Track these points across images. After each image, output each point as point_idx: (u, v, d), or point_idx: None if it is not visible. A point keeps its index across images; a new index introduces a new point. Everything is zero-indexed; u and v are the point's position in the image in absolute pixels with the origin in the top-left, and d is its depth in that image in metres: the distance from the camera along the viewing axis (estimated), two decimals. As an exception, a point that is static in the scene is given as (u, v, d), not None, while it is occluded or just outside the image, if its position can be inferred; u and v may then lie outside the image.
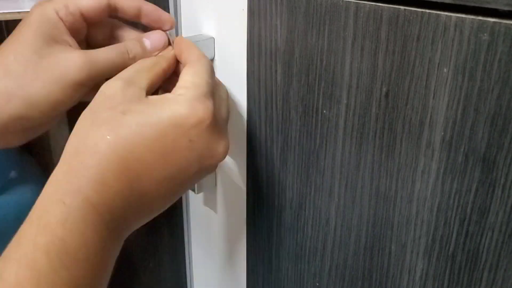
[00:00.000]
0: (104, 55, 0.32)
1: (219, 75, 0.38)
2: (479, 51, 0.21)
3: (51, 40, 0.31)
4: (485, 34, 0.20)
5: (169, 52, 0.33)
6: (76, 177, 0.25)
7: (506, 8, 0.20)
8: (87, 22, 0.33)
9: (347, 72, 0.27)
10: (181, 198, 0.50)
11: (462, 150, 0.23)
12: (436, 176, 0.24)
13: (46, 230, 0.24)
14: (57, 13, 0.31)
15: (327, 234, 0.32)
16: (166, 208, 0.30)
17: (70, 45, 0.32)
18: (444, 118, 0.23)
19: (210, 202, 0.46)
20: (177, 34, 0.43)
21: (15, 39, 0.31)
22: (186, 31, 0.42)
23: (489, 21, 0.20)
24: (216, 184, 0.44)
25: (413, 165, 0.25)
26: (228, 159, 0.41)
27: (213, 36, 0.38)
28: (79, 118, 0.27)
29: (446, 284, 0.25)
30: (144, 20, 0.34)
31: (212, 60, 0.39)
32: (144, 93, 0.28)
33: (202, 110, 0.27)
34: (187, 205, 0.51)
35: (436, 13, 0.22)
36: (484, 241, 0.23)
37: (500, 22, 0.20)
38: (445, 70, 0.22)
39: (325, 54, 0.28)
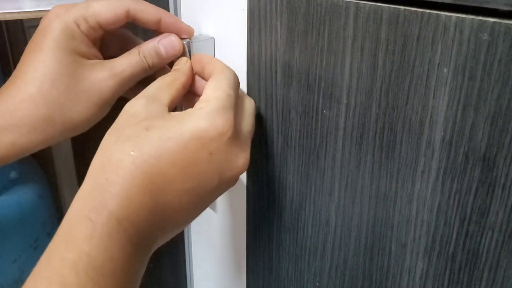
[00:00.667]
0: (127, 67, 0.33)
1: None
2: (479, 51, 0.21)
3: (80, 58, 0.32)
4: (485, 34, 0.20)
5: (185, 65, 0.33)
6: (101, 193, 0.25)
7: (506, 8, 0.20)
8: (103, 32, 0.34)
9: (347, 72, 0.27)
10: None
11: (462, 150, 0.23)
12: (436, 176, 0.24)
13: (73, 246, 0.24)
14: (79, 27, 0.32)
15: (327, 234, 0.32)
16: (189, 223, 0.30)
17: (96, 58, 0.33)
18: (444, 118, 0.23)
19: (210, 202, 0.46)
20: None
21: (44, 58, 0.31)
22: (186, 31, 0.42)
23: (489, 21, 0.20)
24: (216, 184, 0.44)
25: (413, 165, 0.25)
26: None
27: (213, 36, 0.38)
28: (104, 136, 0.28)
29: (446, 284, 0.25)
30: (164, 31, 0.35)
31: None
32: (166, 108, 0.29)
33: (221, 123, 0.28)
34: (187, 205, 0.51)
35: (436, 13, 0.22)
36: (484, 241, 0.23)
37: (500, 22, 0.20)
38: (445, 70, 0.22)
39: (325, 54, 0.28)
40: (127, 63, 0.34)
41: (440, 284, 0.26)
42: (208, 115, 0.28)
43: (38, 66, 0.31)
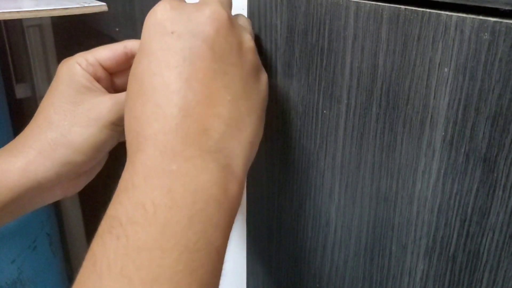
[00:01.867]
0: None
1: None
2: (479, 50, 0.21)
3: (82, 87, 0.34)
4: (486, 34, 0.20)
5: None
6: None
7: (507, 8, 0.20)
8: (108, 71, 0.36)
9: (347, 72, 0.27)
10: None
11: (462, 150, 0.23)
12: (436, 177, 0.24)
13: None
14: (80, 65, 0.35)
15: (327, 235, 0.32)
16: (261, 120, 0.29)
17: (99, 90, 0.35)
18: (445, 118, 0.23)
19: (209, 203, 0.46)
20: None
21: (51, 94, 0.35)
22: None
23: (489, 20, 0.20)
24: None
25: (414, 166, 0.25)
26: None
27: (213, 36, 0.38)
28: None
29: (446, 285, 0.25)
30: None
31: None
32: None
33: (213, 8, 0.27)
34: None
35: (436, 13, 0.22)
36: (484, 242, 0.23)
37: (501, 22, 0.20)
38: (445, 70, 0.22)
39: (325, 54, 0.28)
40: None
41: (440, 285, 0.26)
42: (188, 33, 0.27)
43: (45, 101, 0.35)
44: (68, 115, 0.34)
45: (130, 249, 0.22)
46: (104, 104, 0.33)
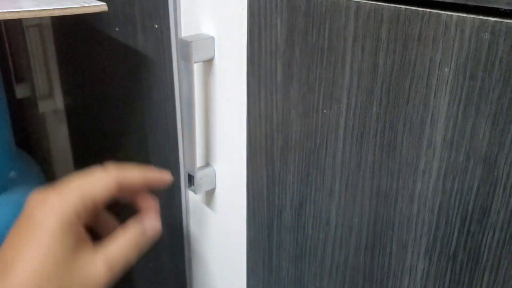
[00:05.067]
0: (122, 256, 0.34)
1: (218, 75, 0.38)
2: (480, 50, 0.21)
3: (76, 248, 0.32)
4: (486, 34, 0.20)
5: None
6: None
7: (507, 7, 0.20)
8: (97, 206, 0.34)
9: (347, 71, 0.27)
10: (180, 198, 0.50)
11: (463, 149, 0.23)
12: (437, 176, 0.24)
13: None
14: (79, 217, 0.32)
15: (328, 234, 0.32)
16: None
17: (87, 241, 0.33)
18: (445, 117, 0.23)
19: (210, 202, 0.46)
20: (177, 34, 0.43)
21: (38, 250, 0.31)
22: (186, 30, 0.42)
23: (490, 20, 0.20)
24: (216, 184, 0.44)
25: (414, 165, 0.25)
26: (228, 159, 0.41)
27: (213, 36, 0.38)
28: None
29: (447, 283, 0.25)
30: (151, 186, 0.36)
31: (211, 59, 0.38)
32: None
33: None
34: (187, 205, 0.51)
35: (437, 13, 0.22)
36: (485, 240, 0.23)
37: (501, 21, 0.20)
38: (446, 69, 0.22)
39: (325, 54, 0.28)
40: (120, 251, 0.34)
41: (441, 283, 0.26)
42: None
43: (35, 264, 0.30)
44: (64, 286, 0.31)
45: None
46: (98, 275, 0.32)
